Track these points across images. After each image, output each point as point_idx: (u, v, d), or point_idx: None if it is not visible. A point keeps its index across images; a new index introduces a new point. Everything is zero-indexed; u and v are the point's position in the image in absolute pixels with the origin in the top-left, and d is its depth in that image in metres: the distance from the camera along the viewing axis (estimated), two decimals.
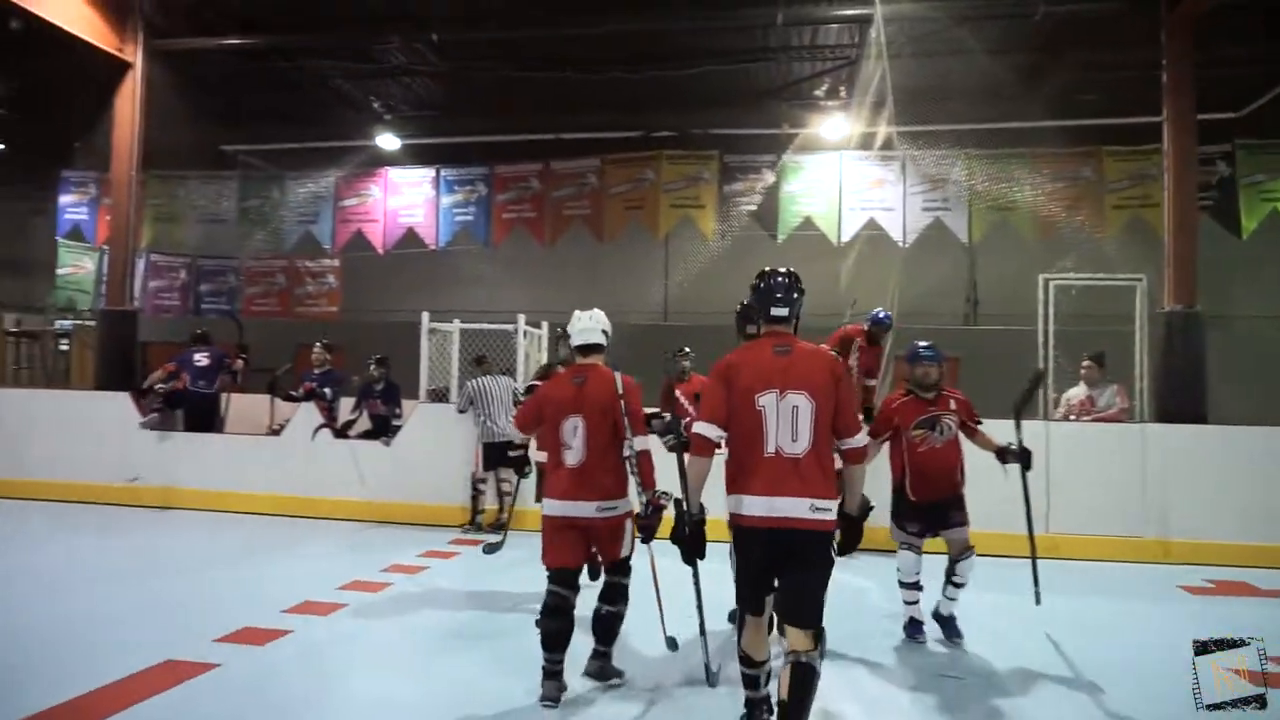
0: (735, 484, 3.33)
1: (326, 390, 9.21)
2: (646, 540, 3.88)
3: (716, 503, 3.39)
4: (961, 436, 5.05)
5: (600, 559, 4.14)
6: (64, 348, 12.53)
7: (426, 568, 6.62)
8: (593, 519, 3.97)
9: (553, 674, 3.92)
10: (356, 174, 14.11)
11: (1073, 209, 11.53)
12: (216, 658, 4.34)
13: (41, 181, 16.44)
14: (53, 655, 4.36)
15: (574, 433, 3.99)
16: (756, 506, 3.23)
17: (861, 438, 3.41)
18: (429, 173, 13.92)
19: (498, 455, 7.58)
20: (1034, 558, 5.01)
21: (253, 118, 13.66)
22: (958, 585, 4.92)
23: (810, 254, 12.08)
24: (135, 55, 9.90)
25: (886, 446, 5.14)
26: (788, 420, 3.26)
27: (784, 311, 3.45)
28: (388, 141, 13.87)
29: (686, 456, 3.46)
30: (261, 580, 6.20)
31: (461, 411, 8.09)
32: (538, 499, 5.51)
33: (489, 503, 8.17)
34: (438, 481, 8.33)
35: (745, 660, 3.40)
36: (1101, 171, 11.90)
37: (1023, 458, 4.88)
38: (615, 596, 4.13)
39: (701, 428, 3.36)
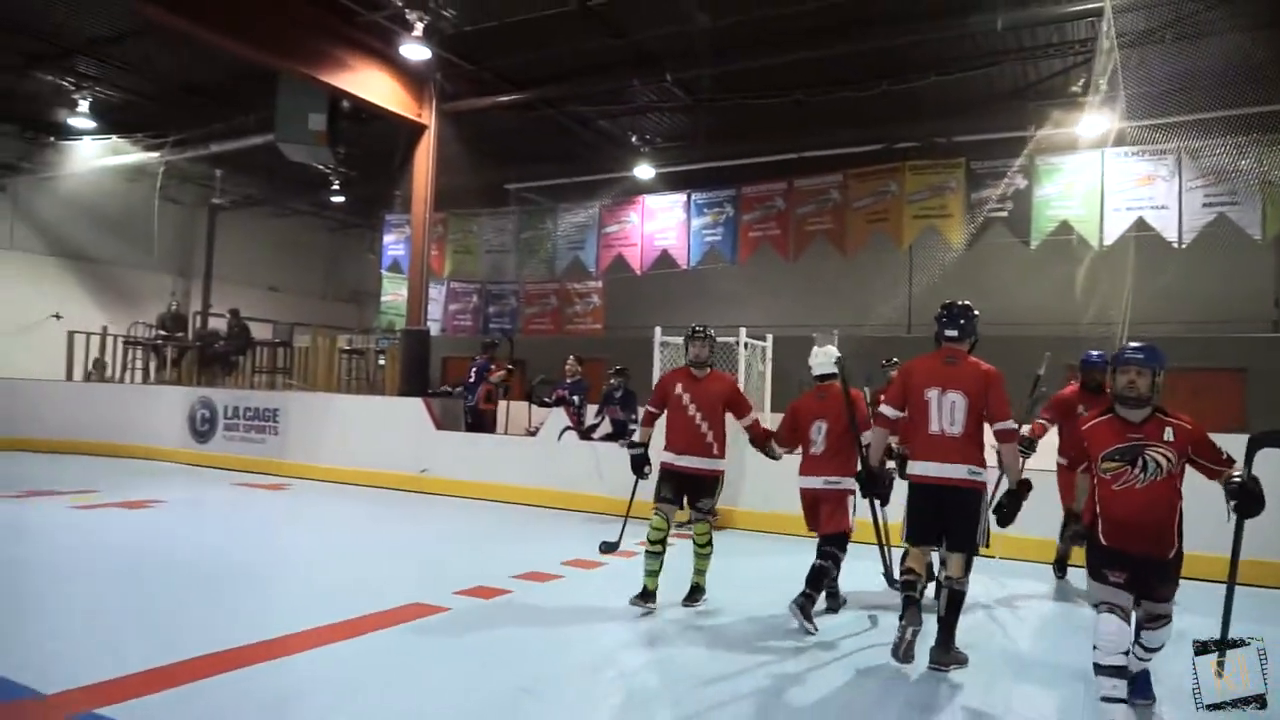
0: (912, 453, 4.68)
1: (575, 397, 10.40)
2: (865, 494, 5.16)
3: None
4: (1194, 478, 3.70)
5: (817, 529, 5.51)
6: (381, 363, 15.07)
7: (639, 554, 7.36)
8: (820, 489, 5.47)
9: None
10: (617, 203, 15.44)
11: None
12: (450, 604, 5.37)
13: (372, 225, 19.86)
14: (336, 592, 5.62)
15: (819, 432, 5.53)
16: (924, 469, 4.54)
17: (1009, 423, 4.49)
18: (681, 197, 14.89)
19: None
20: (1231, 590, 3.62)
21: (528, 159, 15.55)
22: (1148, 649, 3.84)
23: (1065, 258, 11.48)
24: (429, 118, 11.90)
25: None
26: (948, 410, 4.52)
27: (954, 333, 4.69)
28: (644, 171, 15.04)
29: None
30: (502, 552, 7.32)
31: None
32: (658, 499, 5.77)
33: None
34: None
35: (908, 572, 4.62)
36: None
37: (1241, 498, 3.55)
38: (828, 558, 5.36)
39: (883, 408, 4.87)
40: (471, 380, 11.03)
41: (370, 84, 10.88)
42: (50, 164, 15.98)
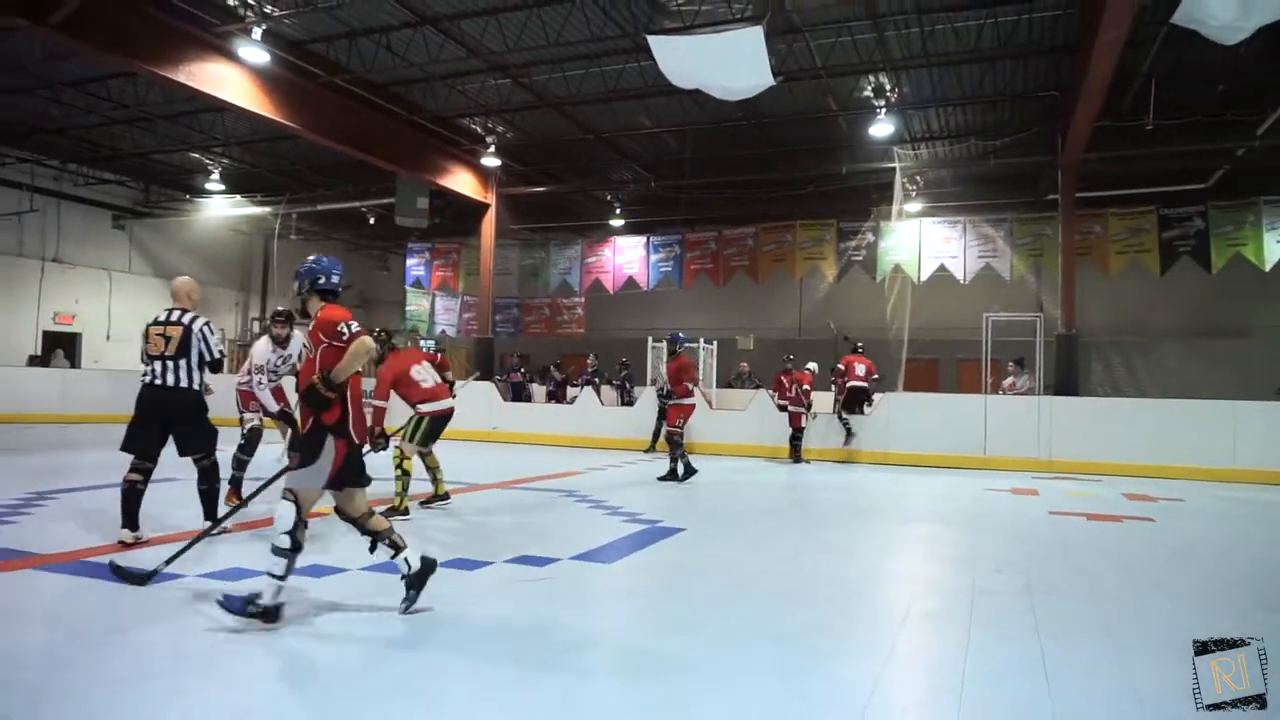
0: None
1: (595, 379, 16.55)
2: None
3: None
4: None
5: None
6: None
7: (602, 469, 13.21)
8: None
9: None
10: (596, 241, 21.50)
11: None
12: (534, 479, 11.44)
13: (384, 247, 25.38)
14: (502, 468, 11.61)
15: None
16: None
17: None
18: (642, 239, 21.00)
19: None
20: None
21: (533, 210, 21.48)
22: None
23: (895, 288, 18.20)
24: (492, 198, 17.79)
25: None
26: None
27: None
28: (617, 221, 21.18)
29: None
30: (550, 464, 13.35)
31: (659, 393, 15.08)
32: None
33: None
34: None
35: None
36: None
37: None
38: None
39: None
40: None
41: (458, 179, 16.74)
42: (159, 209, 21.15)
